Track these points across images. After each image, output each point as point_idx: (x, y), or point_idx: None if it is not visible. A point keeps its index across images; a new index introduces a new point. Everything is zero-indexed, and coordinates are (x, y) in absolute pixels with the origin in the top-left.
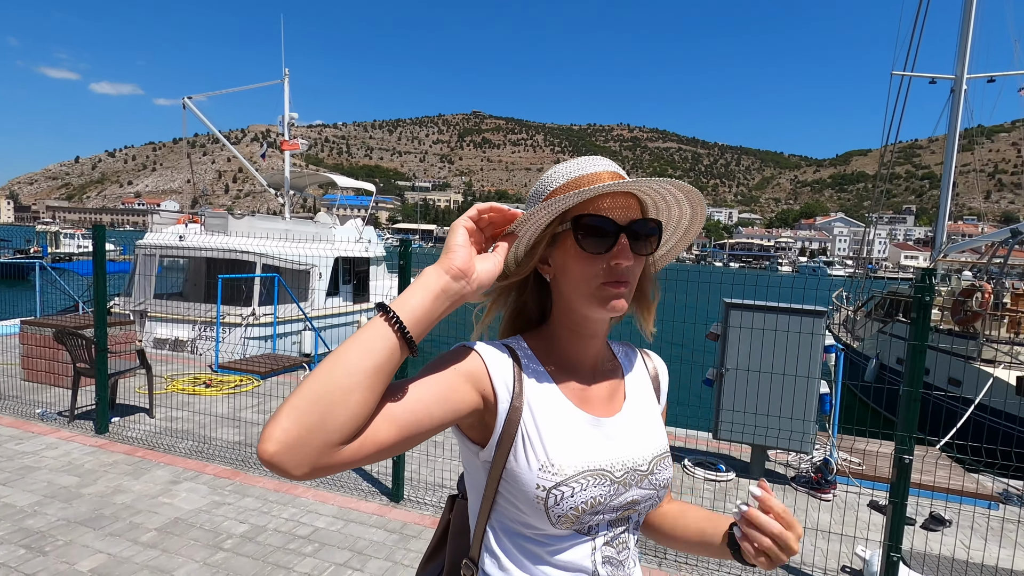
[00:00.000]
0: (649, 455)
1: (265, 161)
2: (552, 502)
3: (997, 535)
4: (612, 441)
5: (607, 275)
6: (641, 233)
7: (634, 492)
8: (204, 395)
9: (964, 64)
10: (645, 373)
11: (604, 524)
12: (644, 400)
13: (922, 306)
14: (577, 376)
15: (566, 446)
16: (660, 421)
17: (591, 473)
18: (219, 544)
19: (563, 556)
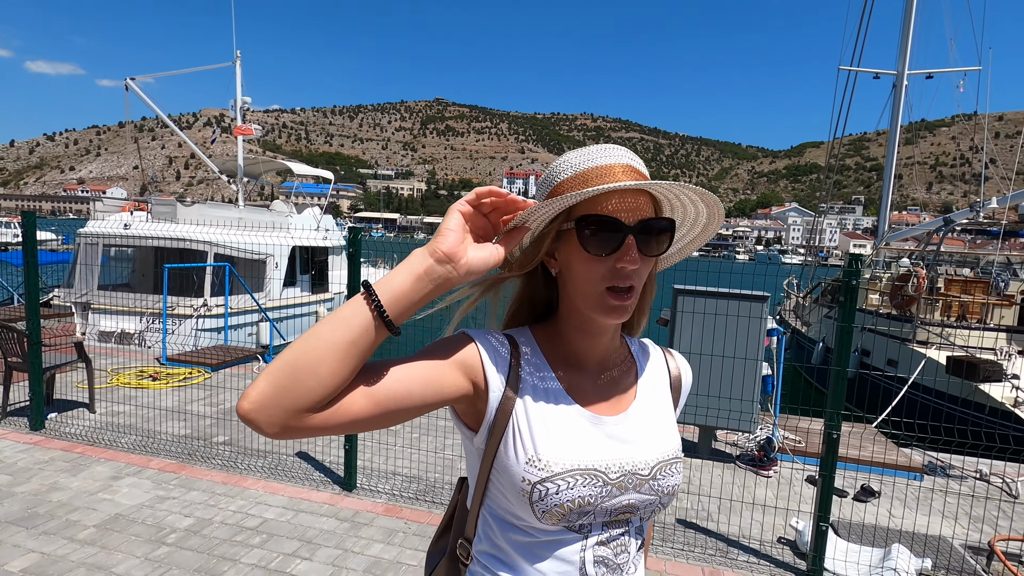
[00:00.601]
0: (653, 459)
1: (215, 146)
2: (537, 497)
3: (920, 504)
4: (612, 441)
5: (612, 277)
6: (651, 233)
7: (631, 496)
8: (150, 388)
9: (905, 61)
10: (664, 374)
11: (598, 525)
12: (657, 402)
13: (849, 290)
14: (582, 372)
15: (556, 442)
16: (673, 425)
17: (581, 472)
18: (162, 539)
19: (550, 551)
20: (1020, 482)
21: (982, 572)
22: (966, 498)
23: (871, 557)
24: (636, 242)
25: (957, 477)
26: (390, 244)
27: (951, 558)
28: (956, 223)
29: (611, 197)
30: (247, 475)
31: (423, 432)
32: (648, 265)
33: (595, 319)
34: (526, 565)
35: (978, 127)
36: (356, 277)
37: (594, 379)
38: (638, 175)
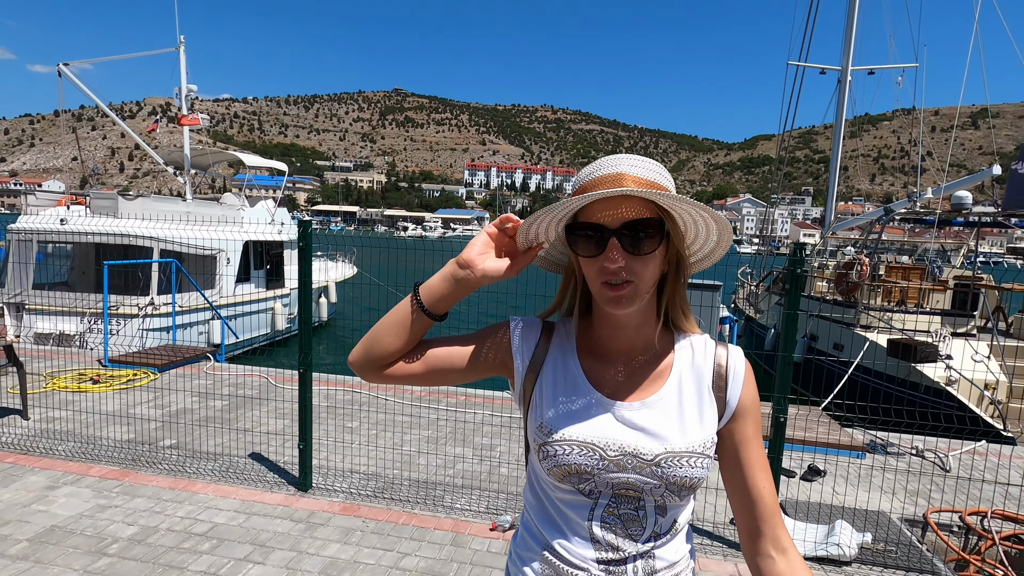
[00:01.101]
0: (660, 448)
1: (161, 137)
2: (543, 456)
3: (862, 480)
4: (619, 423)
5: (603, 275)
6: (636, 233)
7: (631, 476)
8: (91, 392)
9: (848, 57)
10: (707, 369)
11: (607, 495)
12: (686, 396)
13: (794, 278)
14: (605, 359)
15: (563, 414)
16: (698, 421)
17: (578, 443)
18: (103, 550)
19: (566, 508)
20: (952, 456)
21: (917, 543)
22: (903, 474)
23: (816, 534)
24: (620, 242)
25: (895, 454)
26: (349, 238)
27: (889, 531)
28: (896, 213)
29: (598, 203)
30: (196, 479)
31: (382, 428)
32: (644, 263)
33: (607, 313)
34: (550, 515)
35: (915, 121)
36: (308, 272)
37: (616, 367)
38: (630, 181)
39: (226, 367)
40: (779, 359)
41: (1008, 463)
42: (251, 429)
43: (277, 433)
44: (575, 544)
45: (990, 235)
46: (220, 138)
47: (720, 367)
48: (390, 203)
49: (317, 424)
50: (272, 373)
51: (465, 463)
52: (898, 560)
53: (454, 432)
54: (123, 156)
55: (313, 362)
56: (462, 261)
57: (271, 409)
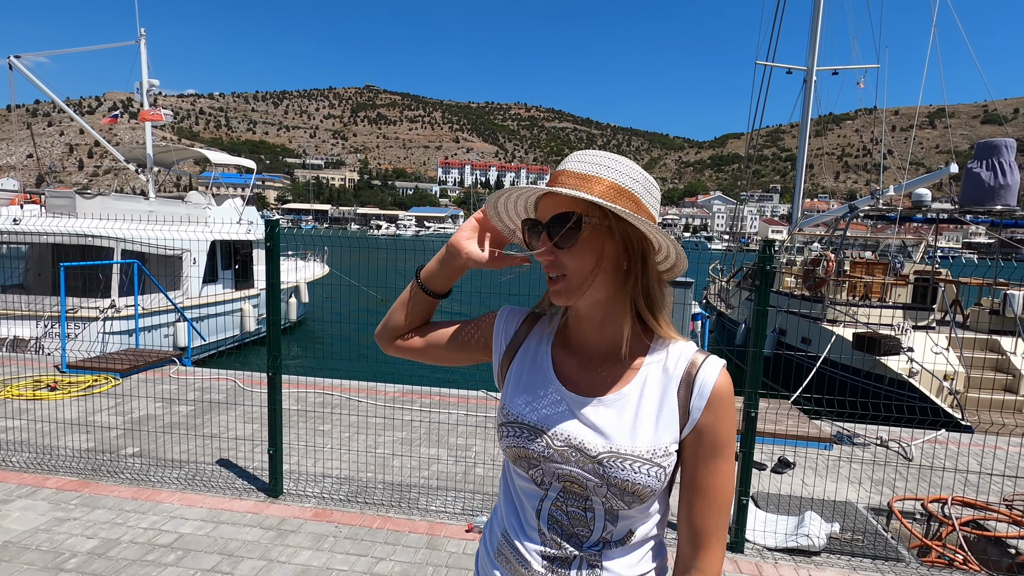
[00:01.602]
0: (604, 447)
1: (123, 133)
2: (500, 435)
3: (830, 471)
4: (571, 415)
5: (546, 267)
6: (558, 226)
7: (574, 468)
8: (47, 400)
9: (814, 57)
10: (675, 377)
11: (556, 488)
12: (647, 400)
13: (764, 274)
14: (577, 353)
15: (520, 398)
16: (655, 426)
17: (528, 427)
18: (60, 565)
19: (522, 494)
20: (914, 445)
21: (883, 531)
22: (869, 464)
23: (787, 525)
24: (548, 235)
25: (861, 445)
26: (320, 237)
27: (856, 520)
28: (859, 210)
29: (546, 197)
30: (161, 488)
31: (354, 431)
32: (572, 257)
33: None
34: (512, 500)
35: (877, 121)
36: (275, 273)
37: (584, 361)
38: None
39: (193, 371)
40: (749, 355)
41: (967, 451)
42: (219, 435)
43: (246, 438)
44: (526, 532)
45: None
46: (186, 135)
47: (689, 377)
48: (363, 201)
49: (288, 428)
50: (241, 376)
51: (440, 464)
52: (865, 548)
53: (428, 433)
54: (82, 153)
55: (283, 364)
56: (451, 245)
57: (240, 413)
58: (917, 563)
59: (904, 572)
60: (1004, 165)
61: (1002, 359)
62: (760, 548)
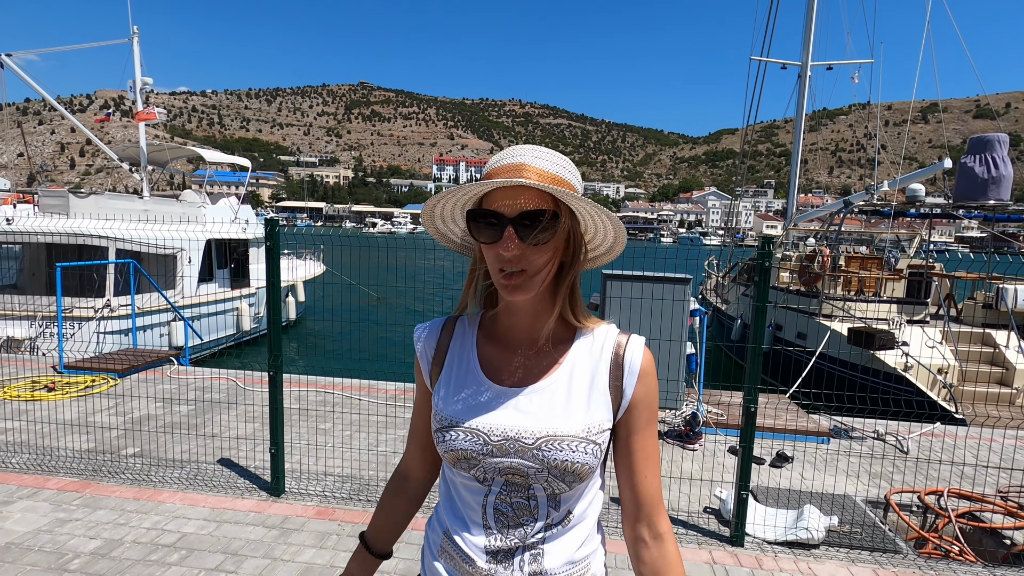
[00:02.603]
0: (540, 431)
1: (115, 132)
2: (438, 441)
3: (827, 465)
4: (506, 409)
5: (500, 262)
6: (530, 222)
7: (514, 460)
8: (45, 400)
9: (808, 52)
10: (604, 357)
11: (499, 482)
12: (576, 383)
13: (763, 271)
14: (502, 348)
15: (451, 402)
16: (586, 406)
17: (464, 429)
18: (63, 566)
19: (465, 492)
20: (910, 439)
21: (880, 524)
22: (866, 457)
23: (786, 519)
24: (516, 231)
25: (858, 438)
26: (316, 236)
27: (854, 513)
28: (854, 205)
29: (499, 192)
30: (162, 488)
31: (355, 429)
32: (539, 252)
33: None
34: (453, 501)
35: (871, 116)
36: (275, 271)
37: (513, 355)
38: (531, 173)
39: (191, 370)
40: (749, 351)
41: (962, 444)
42: (219, 434)
43: (247, 437)
44: (470, 530)
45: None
46: (178, 133)
47: (618, 357)
48: (358, 199)
49: (288, 427)
50: (240, 375)
51: None
52: (863, 541)
53: None
54: (74, 152)
55: (283, 364)
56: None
57: (240, 413)
58: (914, 554)
59: (902, 563)
60: (997, 160)
61: (995, 352)
62: (760, 541)
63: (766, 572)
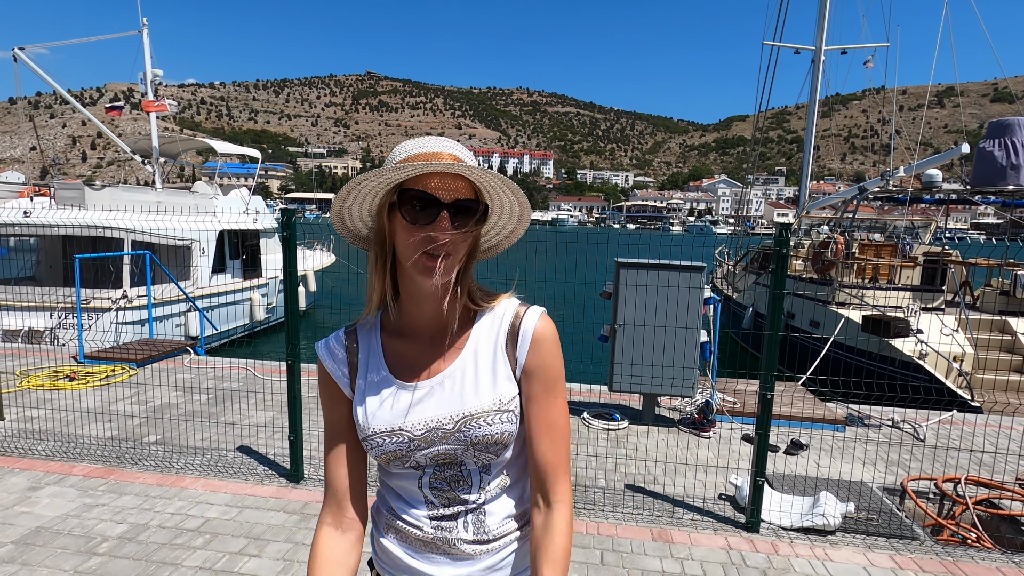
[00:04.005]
0: (457, 414)
1: (125, 124)
2: (368, 447)
3: (843, 453)
4: (419, 404)
5: (425, 245)
6: (463, 211)
7: (441, 447)
8: (67, 390)
9: (822, 37)
10: (503, 330)
11: (431, 465)
12: (481, 361)
13: (780, 258)
14: (408, 343)
15: (371, 410)
16: (492, 380)
17: (387, 432)
18: (92, 549)
19: (401, 480)
20: (926, 426)
21: (896, 510)
22: (882, 445)
23: (802, 505)
24: (449, 217)
25: (874, 426)
26: (327, 226)
27: (871, 500)
28: (869, 191)
29: (433, 178)
30: (184, 474)
31: None
32: (464, 240)
33: (417, 283)
34: (391, 487)
35: (886, 100)
36: (292, 263)
37: (421, 347)
38: (457, 158)
39: (208, 360)
40: (765, 338)
41: (981, 432)
42: (238, 422)
43: (265, 425)
44: (410, 506)
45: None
46: (187, 125)
47: (514, 327)
48: None
49: (306, 414)
50: (256, 365)
51: None
52: (879, 527)
53: None
54: (85, 145)
55: (300, 352)
56: None
57: (257, 401)
58: (931, 541)
59: (919, 550)
60: (1017, 144)
61: (1012, 340)
62: (776, 528)
63: (782, 558)
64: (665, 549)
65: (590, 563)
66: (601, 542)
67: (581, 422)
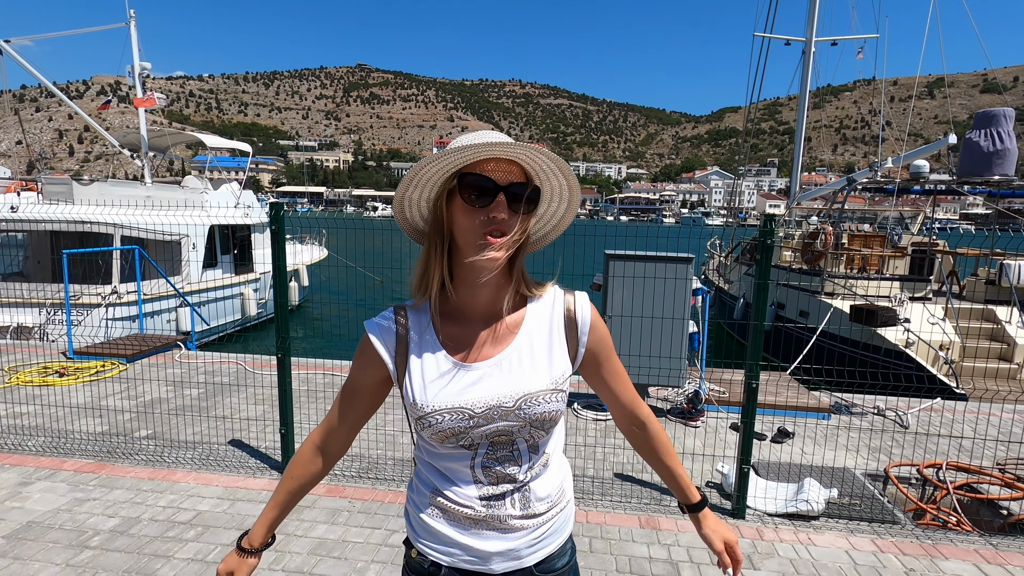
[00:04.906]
0: (518, 394)
1: (113, 118)
2: (422, 427)
3: (828, 440)
4: (479, 383)
5: (485, 226)
6: (519, 193)
7: (500, 424)
8: (57, 385)
9: (812, 28)
10: (556, 317)
11: (484, 444)
12: (536, 344)
13: (765, 248)
14: (463, 325)
15: (429, 388)
16: (549, 361)
17: (448, 410)
18: (84, 543)
19: (451, 461)
20: (910, 414)
21: (879, 496)
22: (866, 432)
23: (787, 492)
24: (506, 198)
25: (859, 414)
26: (317, 220)
27: (853, 486)
28: (858, 182)
29: (488, 163)
30: (176, 468)
31: None
32: (521, 223)
33: (476, 267)
34: (436, 468)
35: (876, 92)
36: (281, 256)
37: (476, 330)
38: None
39: (199, 355)
40: (751, 328)
41: (961, 418)
42: (229, 416)
43: (256, 419)
44: (458, 486)
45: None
46: (176, 118)
47: (570, 312)
48: (358, 183)
49: (297, 408)
50: (247, 359)
51: None
52: (862, 512)
53: None
54: (72, 139)
55: (291, 346)
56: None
57: (248, 395)
58: (912, 525)
59: (900, 533)
60: (1003, 134)
61: (997, 328)
62: (761, 514)
63: (767, 543)
64: (653, 536)
65: (579, 550)
66: (590, 530)
67: (571, 413)
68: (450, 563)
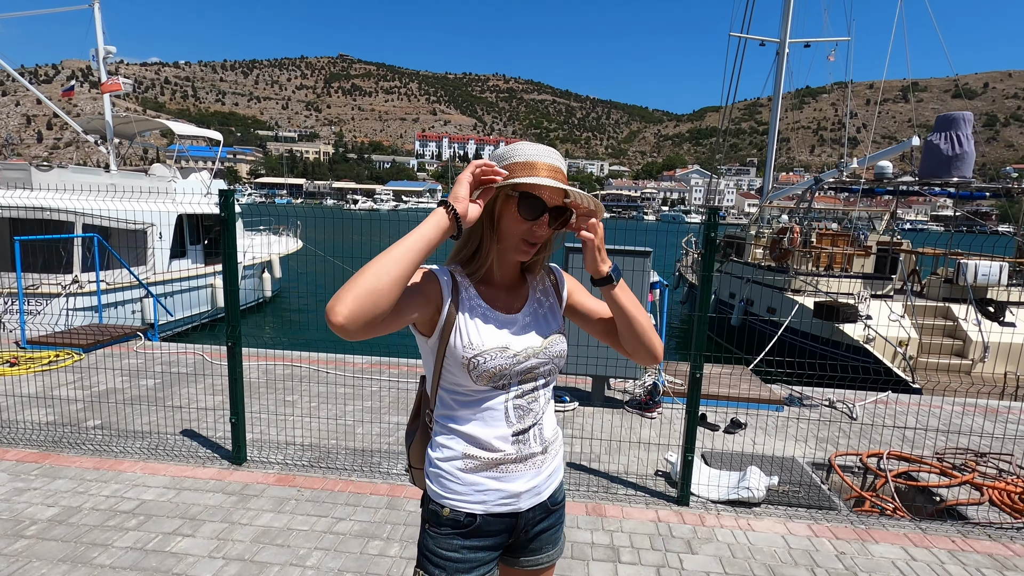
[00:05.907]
0: (545, 336)
1: (84, 104)
2: (472, 367)
3: (779, 431)
4: (515, 328)
5: (527, 235)
6: (559, 214)
7: (531, 361)
8: (6, 375)
9: (787, 29)
10: (548, 284)
11: (515, 382)
12: (543, 302)
13: (708, 241)
14: (496, 288)
15: (482, 333)
16: (554, 314)
17: (497, 349)
18: (20, 532)
19: (484, 403)
20: (859, 406)
21: (820, 484)
22: (815, 423)
23: (729, 480)
24: (549, 217)
25: (812, 406)
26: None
27: (799, 474)
28: (825, 182)
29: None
30: (123, 458)
31: (321, 401)
32: (551, 233)
33: (510, 257)
34: (469, 415)
35: (851, 94)
36: (232, 245)
37: (503, 292)
38: (561, 173)
39: (159, 345)
40: (695, 319)
41: (907, 410)
42: (184, 406)
43: (212, 409)
44: (493, 429)
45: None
46: (151, 106)
47: (554, 279)
48: (338, 175)
49: (255, 399)
50: (208, 350)
51: (404, 430)
52: (801, 499)
53: (396, 401)
54: (40, 124)
55: (253, 337)
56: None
57: (206, 386)
58: (848, 510)
59: (836, 519)
60: (961, 138)
61: (953, 325)
62: (704, 501)
63: (707, 528)
64: (597, 523)
65: None
66: None
67: None
68: (484, 510)
